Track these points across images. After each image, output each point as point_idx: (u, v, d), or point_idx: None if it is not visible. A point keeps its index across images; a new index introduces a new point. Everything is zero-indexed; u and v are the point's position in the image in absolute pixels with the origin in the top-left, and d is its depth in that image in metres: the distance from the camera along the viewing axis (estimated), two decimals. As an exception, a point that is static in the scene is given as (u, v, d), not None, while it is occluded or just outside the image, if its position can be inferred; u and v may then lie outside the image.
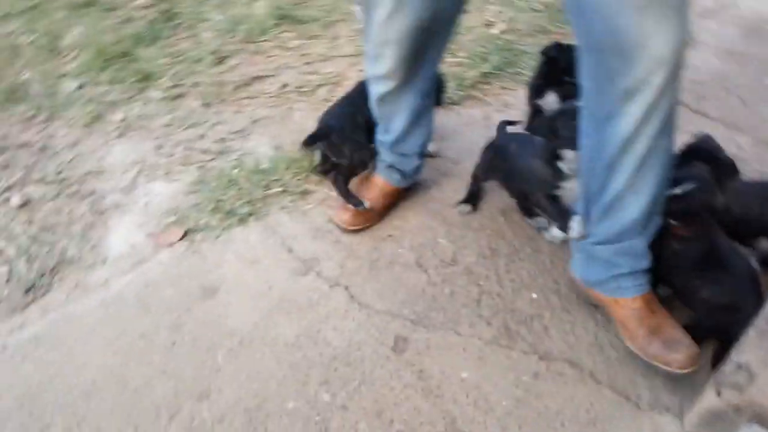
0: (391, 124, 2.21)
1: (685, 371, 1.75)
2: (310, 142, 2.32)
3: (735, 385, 1.44)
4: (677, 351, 1.76)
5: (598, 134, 1.66)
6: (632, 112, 1.54)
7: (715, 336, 1.83)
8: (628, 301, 1.85)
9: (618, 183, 1.68)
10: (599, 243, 1.84)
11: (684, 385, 1.78)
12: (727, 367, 1.48)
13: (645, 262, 1.82)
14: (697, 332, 1.83)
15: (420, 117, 2.21)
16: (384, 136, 2.28)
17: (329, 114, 2.41)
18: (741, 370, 1.43)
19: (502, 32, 3.41)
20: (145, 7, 3.70)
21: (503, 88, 3.03)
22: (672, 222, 1.83)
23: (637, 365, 1.84)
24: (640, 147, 1.59)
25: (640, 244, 1.80)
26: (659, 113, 1.54)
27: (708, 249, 1.83)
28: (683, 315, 1.88)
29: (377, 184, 2.32)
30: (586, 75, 1.62)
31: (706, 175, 1.84)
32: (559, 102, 2.35)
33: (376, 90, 2.14)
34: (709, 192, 1.79)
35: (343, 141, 2.30)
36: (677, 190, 1.78)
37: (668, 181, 1.73)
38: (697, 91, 3.00)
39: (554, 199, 2.03)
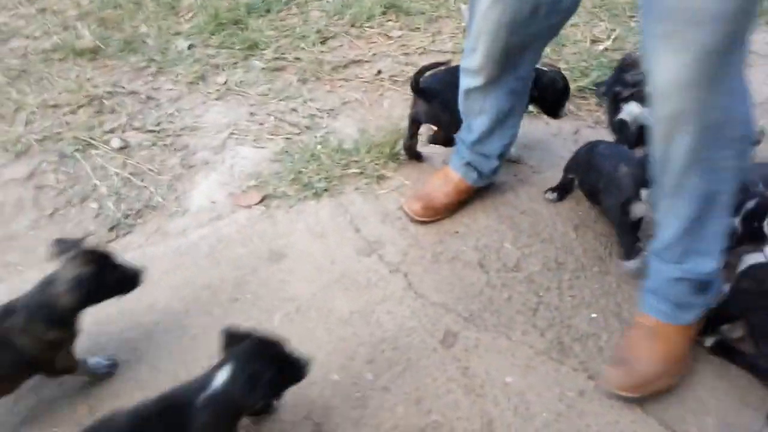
0: (474, 122, 2.21)
1: (608, 388, 1.77)
2: (419, 89, 2.32)
3: (790, 437, 1.37)
4: (616, 368, 1.78)
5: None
6: (656, 139, 1.61)
7: None
8: (638, 312, 1.89)
9: (660, 200, 1.74)
10: (653, 248, 1.86)
11: (737, 428, 1.71)
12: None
13: (671, 292, 1.79)
14: (757, 371, 1.80)
15: (505, 119, 2.19)
16: (466, 135, 2.27)
17: (435, 77, 2.42)
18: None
19: (608, 49, 3.32)
20: (263, -20, 3.85)
21: (599, 105, 2.96)
22: None
23: (689, 402, 1.78)
24: (667, 178, 1.64)
25: (668, 272, 1.78)
26: (676, 150, 1.56)
27: None
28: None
29: (453, 179, 2.32)
30: None
31: None
32: (640, 107, 2.36)
33: (464, 83, 2.14)
34: None
35: (444, 109, 2.34)
36: None
37: (711, 223, 1.70)
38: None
39: (626, 214, 2.06)
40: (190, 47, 3.25)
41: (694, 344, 1.92)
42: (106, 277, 1.62)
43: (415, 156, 2.57)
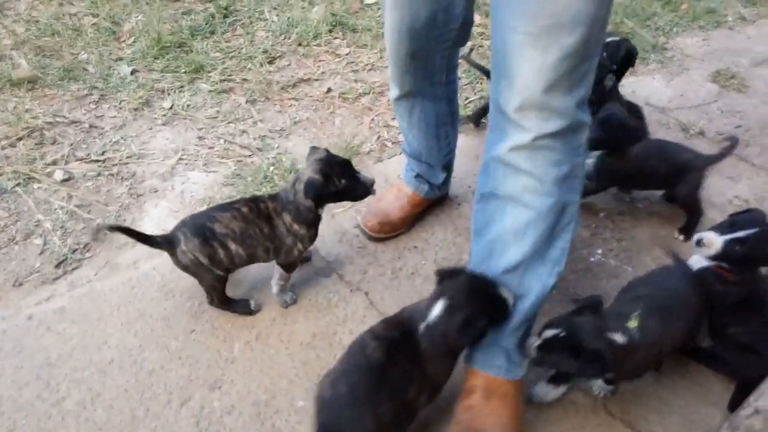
0: (409, 134, 2.21)
1: None
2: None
3: (750, 429, 1.40)
4: None
5: None
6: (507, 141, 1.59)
7: (732, 372, 1.85)
8: (467, 367, 1.77)
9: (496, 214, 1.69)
10: None
11: (698, 426, 1.75)
12: (744, 411, 1.45)
13: (506, 341, 1.70)
14: (714, 363, 1.87)
15: (436, 128, 2.16)
16: (407, 146, 2.29)
17: None
18: (758, 415, 1.39)
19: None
20: (206, 2, 3.80)
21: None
22: (723, 265, 1.82)
23: (652, 402, 1.81)
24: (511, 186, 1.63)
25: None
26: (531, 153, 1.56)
27: (747, 294, 1.82)
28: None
29: (406, 193, 2.33)
30: None
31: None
32: None
33: (390, 92, 2.12)
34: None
35: None
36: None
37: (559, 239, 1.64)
38: (743, 137, 2.93)
39: None
40: (133, 72, 3.18)
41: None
42: (334, 183, 1.84)
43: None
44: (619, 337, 1.55)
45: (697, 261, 1.89)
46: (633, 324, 1.59)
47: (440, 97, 2.10)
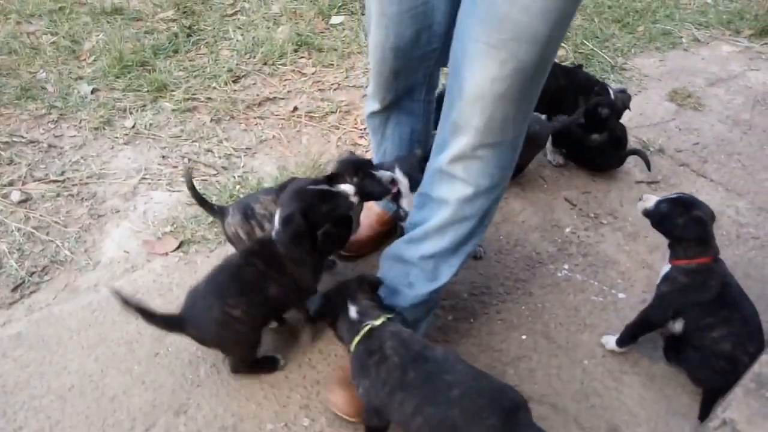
0: (379, 146, 2.20)
1: (333, 409, 1.77)
2: None
3: (719, 440, 1.42)
4: (342, 391, 1.75)
5: None
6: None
7: (705, 381, 1.84)
8: None
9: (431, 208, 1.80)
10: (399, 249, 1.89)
11: (668, 438, 1.76)
12: (713, 422, 1.47)
13: (411, 313, 1.84)
14: (688, 366, 1.88)
15: (410, 144, 2.16)
16: (375, 161, 2.27)
17: None
18: (726, 426, 1.41)
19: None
20: (170, 21, 3.76)
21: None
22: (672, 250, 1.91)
23: (620, 415, 1.82)
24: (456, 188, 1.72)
25: (417, 288, 1.83)
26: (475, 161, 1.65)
27: (721, 290, 1.82)
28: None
29: (375, 211, 2.32)
30: None
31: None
32: None
33: (365, 107, 2.13)
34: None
35: None
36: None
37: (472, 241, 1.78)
38: (700, 153, 3.02)
39: None
40: (93, 91, 3.12)
41: (619, 355, 1.98)
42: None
43: None
44: (353, 311, 1.64)
45: (665, 269, 1.93)
46: (379, 320, 1.60)
47: (417, 114, 2.12)
